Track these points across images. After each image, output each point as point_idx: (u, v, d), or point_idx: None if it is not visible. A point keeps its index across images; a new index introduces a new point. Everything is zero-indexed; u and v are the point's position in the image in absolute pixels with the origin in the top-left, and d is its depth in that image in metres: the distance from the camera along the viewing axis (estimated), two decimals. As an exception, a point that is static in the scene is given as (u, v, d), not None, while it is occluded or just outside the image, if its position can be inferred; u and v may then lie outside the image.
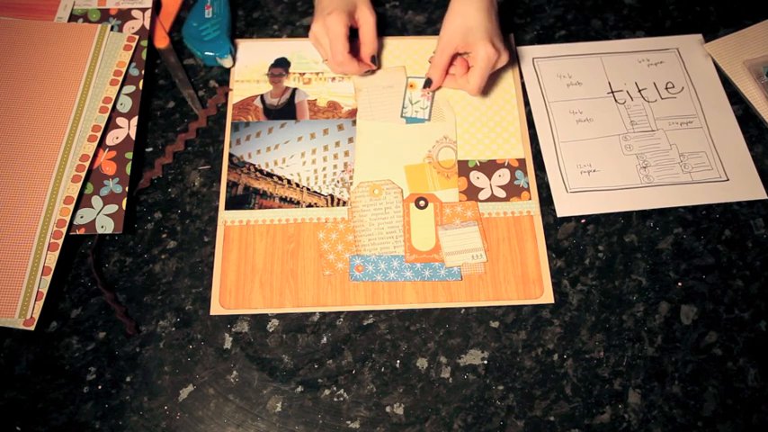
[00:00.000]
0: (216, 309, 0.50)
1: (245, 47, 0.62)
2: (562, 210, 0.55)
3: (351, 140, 0.57)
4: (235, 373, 0.48)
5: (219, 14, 0.61)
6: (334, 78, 0.60)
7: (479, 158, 0.56)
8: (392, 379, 0.48)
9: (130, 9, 0.60)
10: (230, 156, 0.56)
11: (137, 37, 0.58)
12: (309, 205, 0.54)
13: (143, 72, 0.57)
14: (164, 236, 0.54)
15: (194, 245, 0.53)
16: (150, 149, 0.58)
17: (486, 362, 0.49)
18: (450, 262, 0.51)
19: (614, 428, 0.47)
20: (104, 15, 0.60)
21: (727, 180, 0.56)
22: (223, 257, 0.52)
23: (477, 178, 0.55)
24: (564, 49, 0.63)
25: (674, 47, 0.63)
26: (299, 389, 0.48)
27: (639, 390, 0.48)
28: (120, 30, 0.59)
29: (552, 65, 0.62)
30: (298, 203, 0.54)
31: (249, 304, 0.50)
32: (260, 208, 0.54)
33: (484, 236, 0.53)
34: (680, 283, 0.52)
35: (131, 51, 0.57)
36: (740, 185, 0.56)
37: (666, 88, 0.61)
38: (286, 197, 0.54)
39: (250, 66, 0.61)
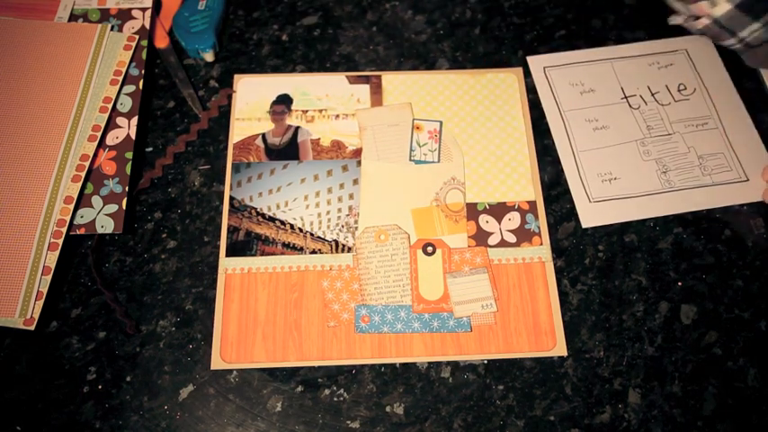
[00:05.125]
0: (217, 363, 0.48)
1: (245, 84, 0.60)
2: (586, 221, 0.54)
3: (356, 182, 0.55)
4: (235, 372, 0.49)
5: (212, 8, 0.61)
6: (338, 116, 0.58)
7: (488, 201, 0.55)
8: (392, 379, 0.48)
9: (130, 9, 0.60)
10: (231, 199, 0.54)
11: (137, 37, 0.58)
12: (313, 251, 0.52)
13: (143, 72, 0.57)
14: (164, 236, 0.54)
15: (194, 245, 0.53)
16: (150, 149, 0.58)
17: (486, 361, 0.49)
18: (460, 312, 0.50)
19: (614, 428, 0.47)
20: (104, 15, 0.60)
21: (747, 180, 0.56)
22: (224, 308, 0.50)
23: (487, 222, 0.54)
24: (574, 56, 0.63)
25: (683, 48, 0.63)
26: (299, 388, 0.48)
27: (639, 389, 0.48)
28: (120, 30, 0.59)
29: (563, 73, 0.62)
30: (301, 250, 0.52)
31: (251, 358, 0.48)
32: (262, 254, 0.52)
33: (494, 284, 0.51)
34: (680, 283, 0.52)
35: (131, 51, 0.57)
36: (761, 184, 0.56)
37: (679, 90, 0.61)
38: (289, 243, 0.52)
39: (251, 103, 0.59)
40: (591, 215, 0.54)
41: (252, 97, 0.60)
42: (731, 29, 0.54)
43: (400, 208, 0.54)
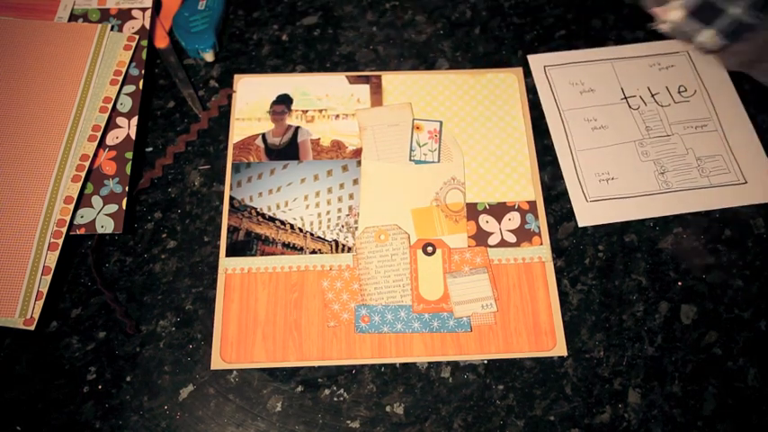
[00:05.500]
0: (217, 363, 0.48)
1: (246, 83, 0.60)
2: (583, 220, 0.54)
3: (356, 182, 0.55)
4: (235, 372, 0.49)
5: (212, 8, 0.61)
6: (337, 116, 0.58)
7: (488, 201, 0.55)
8: (392, 378, 0.48)
9: (130, 9, 0.60)
10: (231, 199, 0.54)
11: (137, 37, 0.58)
12: (313, 251, 0.52)
13: (143, 72, 0.57)
14: (164, 236, 0.54)
15: (194, 244, 0.53)
16: (150, 149, 0.58)
17: (486, 361, 0.49)
18: (460, 312, 0.50)
19: (614, 428, 0.47)
20: (104, 15, 0.60)
21: (745, 183, 0.56)
22: (224, 308, 0.50)
23: (487, 222, 0.54)
24: (574, 55, 0.63)
25: (685, 50, 0.63)
26: (299, 388, 0.48)
27: (639, 389, 0.48)
28: (120, 29, 0.59)
29: (564, 72, 0.62)
30: (301, 250, 0.52)
31: (251, 358, 0.48)
32: (262, 254, 0.52)
33: (494, 284, 0.51)
34: (680, 283, 0.52)
35: (131, 51, 0.57)
36: (759, 187, 0.56)
37: (679, 92, 0.60)
38: (289, 243, 0.52)
39: (251, 103, 0.59)
40: (587, 214, 0.54)
41: (252, 97, 0.60)
42: (688, 34, 0.54)
43: (400, 208, 0.54)
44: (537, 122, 0.59)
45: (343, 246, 0.53)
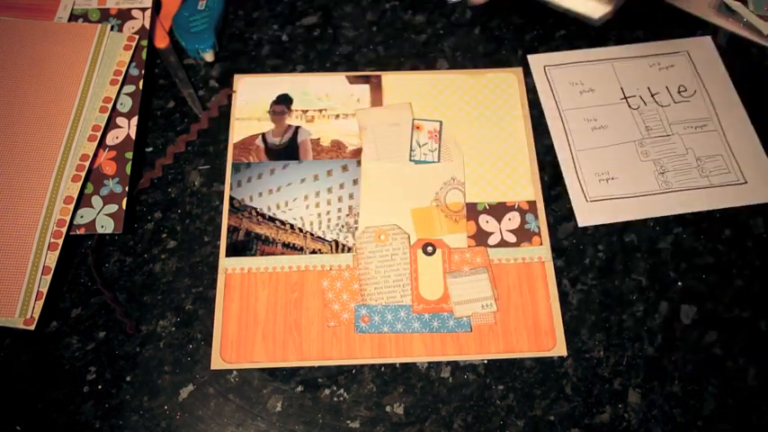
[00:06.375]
0: (217, 363, 0.48)
1: (246, 83, 0.60)
2: (583, 219, 0.54)
3: (356, 182, 0.55)
4: (235, 372, 0.49)
5: (211, 8, 0.62)
6: (338, 116, 0.58)
7: (488, 201, 0.55)
8: (392, 379, 0.48)
9: (130, 9, 0.60)
10: (231, 199, 0.55)
11: (137, 37, 0.58)
12: (313, 251, 0.52)
13: (143, 72, 0.57)
14: (164, 235, 0.54)
15: (194, 244, 0.53)
16: (150, 149, 0.58)
17: (486, 361, 0.49)
18: (460, 312, 0.50)
19: (614, 428, 0.47)
20: (104, 15, 0.60)
21: (746, 183, 0.56)
22: (224, 308, 0.50)
23: (487, 222, 0.54)
24: (574, 55, 0.63)
25: (684, 50, 0.63)
26: (299, 388, 0.48)
27: (639, 389, 0.48)
28: (120, 29, 0.59)
29: (564, 72, 0.62)
30: (301, 250, 0.53)
31: (251, 358, 0.48)
32: (262, 254, 0.52)
33: (494, 284, 0.51)
34: (680, 283, 0.52)
35: (131, 51, 0.57)
36: (759, 187, 0.56)
37: (679, 92, 0.60)
38: (289, 243, 0.53)
39: (251, 103, 0.59)
40: (587, 214, 0.54)
41: (252, 97, 0.60)
42: None
43: (400, 208, 0.54)
44: (537, 122, 0.59)
45: (343, 246, 0.53)
